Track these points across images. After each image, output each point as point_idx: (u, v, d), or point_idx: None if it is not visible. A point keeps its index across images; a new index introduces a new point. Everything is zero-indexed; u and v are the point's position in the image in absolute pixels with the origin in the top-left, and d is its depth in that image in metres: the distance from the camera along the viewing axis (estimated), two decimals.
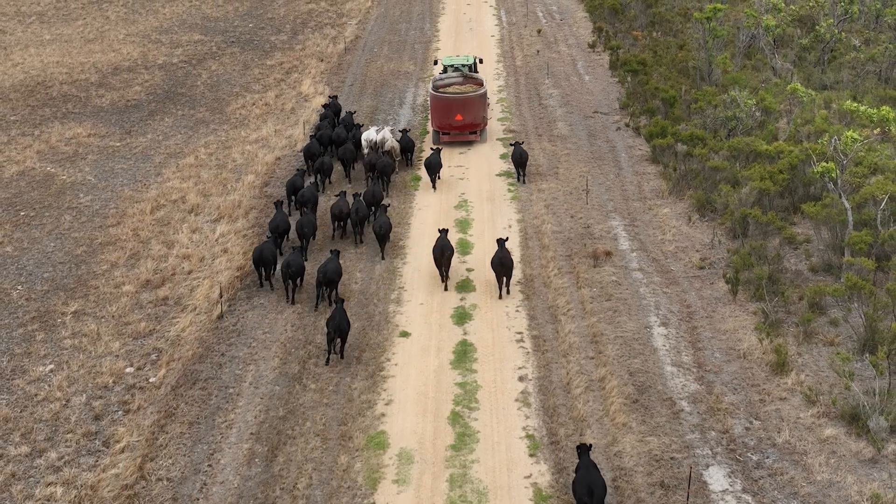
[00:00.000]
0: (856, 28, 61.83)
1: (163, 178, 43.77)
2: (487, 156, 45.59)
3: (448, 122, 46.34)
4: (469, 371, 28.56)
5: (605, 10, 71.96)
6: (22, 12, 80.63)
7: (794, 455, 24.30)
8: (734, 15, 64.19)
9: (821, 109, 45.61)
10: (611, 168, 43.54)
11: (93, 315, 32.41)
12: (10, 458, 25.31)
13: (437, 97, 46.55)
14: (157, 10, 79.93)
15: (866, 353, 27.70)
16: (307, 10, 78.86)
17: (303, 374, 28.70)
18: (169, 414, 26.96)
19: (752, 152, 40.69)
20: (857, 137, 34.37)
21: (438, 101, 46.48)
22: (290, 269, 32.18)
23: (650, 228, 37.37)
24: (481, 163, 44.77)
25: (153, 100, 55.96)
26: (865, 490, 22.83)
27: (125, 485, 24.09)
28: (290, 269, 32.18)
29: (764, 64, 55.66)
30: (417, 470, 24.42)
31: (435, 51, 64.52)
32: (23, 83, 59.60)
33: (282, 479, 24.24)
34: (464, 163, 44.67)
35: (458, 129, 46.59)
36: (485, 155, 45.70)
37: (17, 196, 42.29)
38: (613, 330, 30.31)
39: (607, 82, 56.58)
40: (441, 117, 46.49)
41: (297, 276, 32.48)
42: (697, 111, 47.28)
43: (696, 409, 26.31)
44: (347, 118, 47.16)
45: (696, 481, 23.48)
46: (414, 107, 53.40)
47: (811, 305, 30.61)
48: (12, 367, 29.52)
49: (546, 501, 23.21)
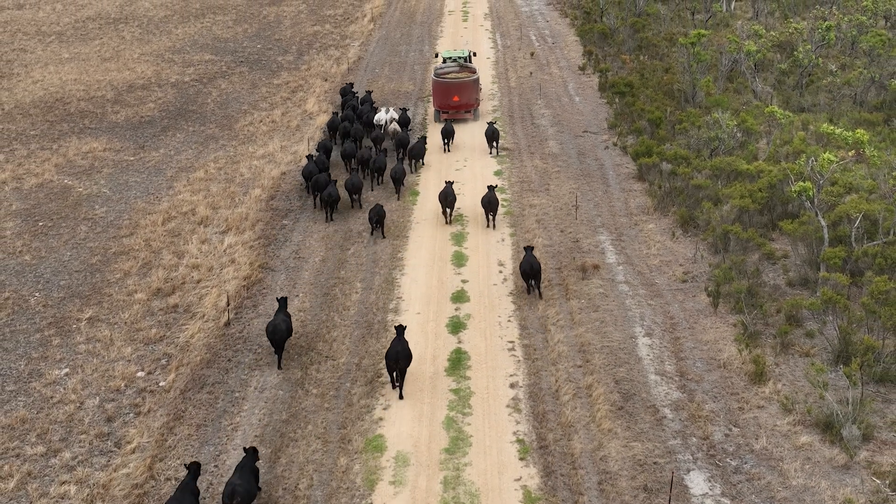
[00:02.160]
0: (832, 54, 62.01)
1: (174, 191, 43.78)
2: (482, 171, 45.61)
3: (447, 103, 53.22)
4: (463, 378, 28.56)
5: (594, 34, 72.10)
6: (42, 32, 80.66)
7: (771, 461, 24.30)
8: (717, 40, 64.36)
9: (799, 131, 45.67)
10: (599, 185, 43.58)
11: (106, 321, 32.41)
12: (27, 457, 25.30)
13: (438, 82, 53.37)
14: (171, 31, 80.00)
15: (840, 365, 27.72)
16: (312, 32, 78.96)
17: (305, 379, 28.69)
18: (178, 416, 26.95)
19: (733, 171, 40.75)
20: (832, 159, 34.44)
21: (439, 86, 53.27)
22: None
23: (636, 243, 37.40)
24: (476, 178, 44.79)
25: (166, 116, 55.99)
26: (838, 495, 22.83)
27: (135, 484, 24.09)
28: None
29: (745, 87, 55.74)
30: (413, 472, 24.40)
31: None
32: (42, 99, 59.63)
33: (284, 480, 24.23)
34: (460, 178, 44.67)
35: (455, 109, 53.50)
36: (479, 171, 45.73)
37: (35, 207, 42.29)
38: (600, 340, 30.31)
39: (596, 103, 56.64)
40: (441, 98, 53.30)
41: (357, 190, 41.19)
42: (682, 132, 47.36)
43: (678, 417, 26.32)
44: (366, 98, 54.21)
45: (678, 485, 23.50)
46: (412, 126, 53.35)
47: (788, 318, 30.61)
48: (29, 370, 29.51)
49: (535, 503, 23.20)
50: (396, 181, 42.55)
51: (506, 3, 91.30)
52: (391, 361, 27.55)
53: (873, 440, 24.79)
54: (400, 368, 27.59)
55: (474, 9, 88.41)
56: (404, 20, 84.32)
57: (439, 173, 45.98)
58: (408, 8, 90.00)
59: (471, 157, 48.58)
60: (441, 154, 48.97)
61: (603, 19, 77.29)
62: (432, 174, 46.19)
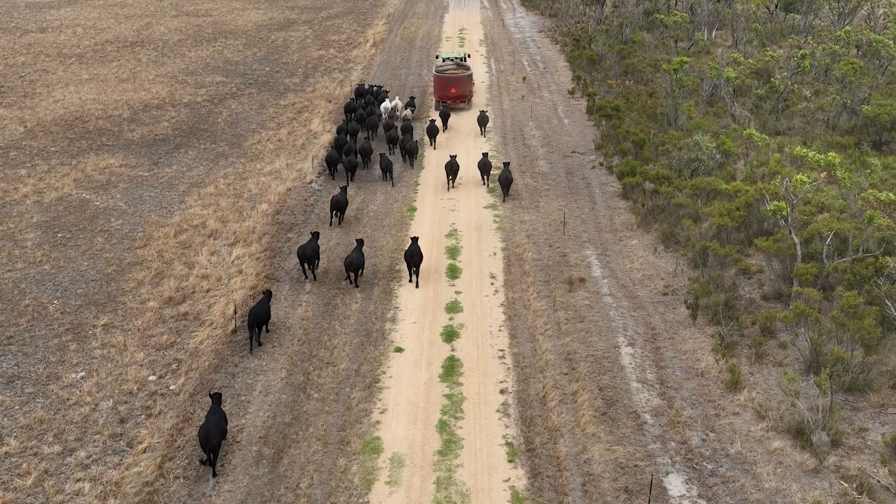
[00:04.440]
0: (807, 80, 62.25)
1: (186, 206, 43.83)
2: (475, 191, 45.72)
3: (446, 94, 61.13)
4: (456, 384, 28.59)
5: (583, 60, 72.33)
6: (64, 54, 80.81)
7: (745, 465, 24.34)
8: (699, 67, 64.59)
9: (774, 153, 45.80)
10: (586, 203, 43.68)
11: (120, 328, 32.42)
12: (44, 456, 25.30)
13: (438, 77, 61.54)
14: (184, 55, 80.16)
15: (811, 374, 27.81)
16: (318, 57, 79.14)
17: (307, 384, 28.71)
18: (187, 418, 26.96)
19: (712, 191, 40.85)
20: (805, 180, 34.55)
21: (439, 80, 61.39)
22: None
23: (620, 258, 37.48)
24: (469, 197, 44.90)
25: (178, 134, 56.07)
26: (808, 497, 22.88)
27: (146, 482, 24.10)
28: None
29: (724, 111, 55.92)
30: (408, 473, 24.42)
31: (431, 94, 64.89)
32: (63, 118, 59.71)
33: (286, 479, 24.24)
34: (455, 196, 44.78)
35: (452, 99, 61.30)
36: (473, 191, 45.84)
37: (55, 219, 42.32)
38: (585, 349, 30.35)
39: (584, 125, 56.79)
40: (441, 90, 61.25)
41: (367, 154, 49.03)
42: (664, 153, 47.48)
43: (658, 422, 26.36)
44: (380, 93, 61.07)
45: (657, 487, 23.54)
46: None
47: (762, 330, 30.69)
48: (47, 373, 29.51)
49: (522, 503, 23.23)
50: (411, 153, 49.75)
51: (500, 30, 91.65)
52: (409, 259, 35.04)
53: (842, 446, 24.84)
54: (415, 264, 35.02)
55: (470, 35, 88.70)
56: (404, 46, 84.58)
57: (440, 148, 53.76)
58: (408, 34, 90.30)
59: (465, 138, 55.59)
60: (441, 134, 56.42)
61: (591, 46, 77.55)
62: (433, 151, 53.62)
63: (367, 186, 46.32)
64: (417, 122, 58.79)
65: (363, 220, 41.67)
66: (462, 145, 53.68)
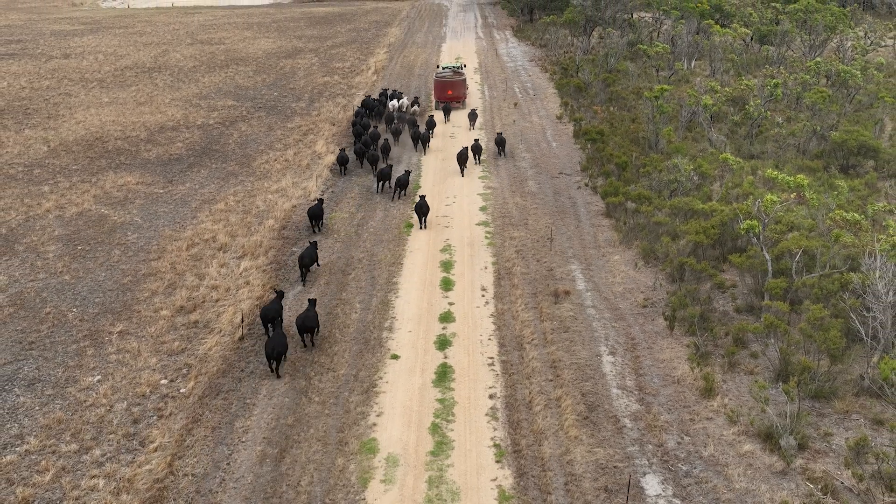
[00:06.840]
0: (779, 108, 62.47)
1: (197, 221, 43.91)
2: (468, 209, 45.85)
3: (444, 95, 68.74)
4: (448, 389, 28.63)
5: (571, 87, 72.60)
6: (85, 78, 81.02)
7: (718, 466, 24.38)
8: (678, 94, 64.82)
9: (748, 176, 45.92)
10: (572, 221, 43.78)
11: (135, 335, 32.46)
12: (62, 453, 25.31)
13: (437, 81, 69.49)
14: (198, 80, 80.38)
15: (780, 382, 27.86)
16: (323, 83, 79.37)
17: (308, 388, 28.75)
18: (195, 420, 26.98)
19: (689, 210, 40.96)
20: (776, 200, 34.68)
21: (438, 83, 69.27)
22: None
23: (603, 272, 37.57)
24: (463, 214, 45.01)
25: (192, 154, 56.19)
26: (776, 497, 22.92)
27: (157, 479, 24.10)
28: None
29: (702, 136, 56.09)
30: (402, 472, 24.45)
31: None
32: (84, 138, 59.83)
33: (288, 477, 24.26)
34: (449, 213, 44.91)
35: (449, 100, 68.65)
36: (466, 209, 45.97)
37: (75, 233, 42.38)
38: (570, 357, 30.41)
39: (571, 148, 56.96)
40: (440, 92, 69.01)
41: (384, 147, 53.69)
42: (645, 174, 47.62)
43: (636, 426, 26.40)
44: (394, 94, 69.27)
45: (635, 487, 23.56)
46: (408, 164, 53.65)
47: (735, 340, 30.75)
48: (66, 377, 29.54)
49: (508, 501, 23.26)
50: (424, 141, 57.24)
51: (493, 59, 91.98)
52: (418, 210, 42.26)
53: (808, 449, 24.88)
54: (423, 214, 42.21)
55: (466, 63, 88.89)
56: (404, 73, 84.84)
57: (442, 139, 60.78)
58: (407, 62, 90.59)
59: (459, 131, 62.77)
60: (441, 125, 64.69)
61: (578, 74, 77.87)
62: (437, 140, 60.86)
63: (367, 205, 46.45)
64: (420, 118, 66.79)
65: (363, 236, 41.79)
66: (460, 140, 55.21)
